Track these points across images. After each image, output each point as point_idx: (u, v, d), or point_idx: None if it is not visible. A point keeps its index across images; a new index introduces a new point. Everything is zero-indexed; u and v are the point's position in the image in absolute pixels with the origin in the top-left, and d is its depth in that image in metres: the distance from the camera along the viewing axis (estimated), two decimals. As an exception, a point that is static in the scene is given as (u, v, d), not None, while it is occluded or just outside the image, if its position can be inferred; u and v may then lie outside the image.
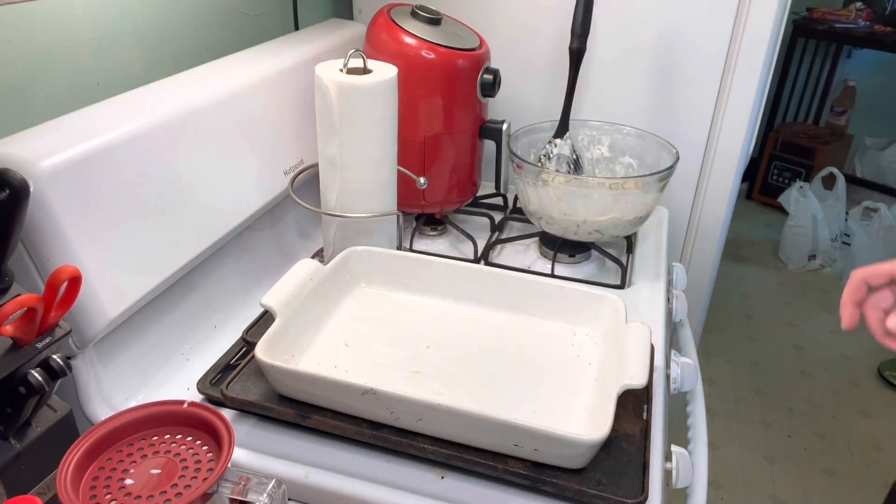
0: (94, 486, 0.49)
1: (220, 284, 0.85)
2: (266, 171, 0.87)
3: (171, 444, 0.52)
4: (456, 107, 0.96)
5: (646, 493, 0.58)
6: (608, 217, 0.90)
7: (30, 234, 0.59)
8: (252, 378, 0.68)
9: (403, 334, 0.77)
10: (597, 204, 0.89)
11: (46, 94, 0.73)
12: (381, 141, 0.84)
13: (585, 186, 0.90)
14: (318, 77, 0.80)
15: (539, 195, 0.92)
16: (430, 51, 0.92)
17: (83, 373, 0.66)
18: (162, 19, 0.87)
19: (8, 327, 0.49)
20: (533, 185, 0.92)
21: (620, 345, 0.68)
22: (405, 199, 0.96)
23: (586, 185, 0.90)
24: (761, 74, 1.06)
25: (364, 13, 1.21)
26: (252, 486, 0.50)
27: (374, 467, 0.63)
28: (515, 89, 1.17)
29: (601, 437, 0.56)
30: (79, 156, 0.61)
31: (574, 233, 0.93)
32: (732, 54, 1.06)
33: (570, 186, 0.89)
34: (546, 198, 0.91)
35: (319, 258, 0.94)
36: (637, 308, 0.88)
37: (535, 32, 1.14)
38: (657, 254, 1.02)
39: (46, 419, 0.56)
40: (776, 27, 1.03)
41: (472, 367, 0.72)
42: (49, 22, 0.71)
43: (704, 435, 0.79)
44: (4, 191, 0.47)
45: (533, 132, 1.05)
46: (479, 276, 0.81)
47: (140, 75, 0.85)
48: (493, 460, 0.60)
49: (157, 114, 0.71)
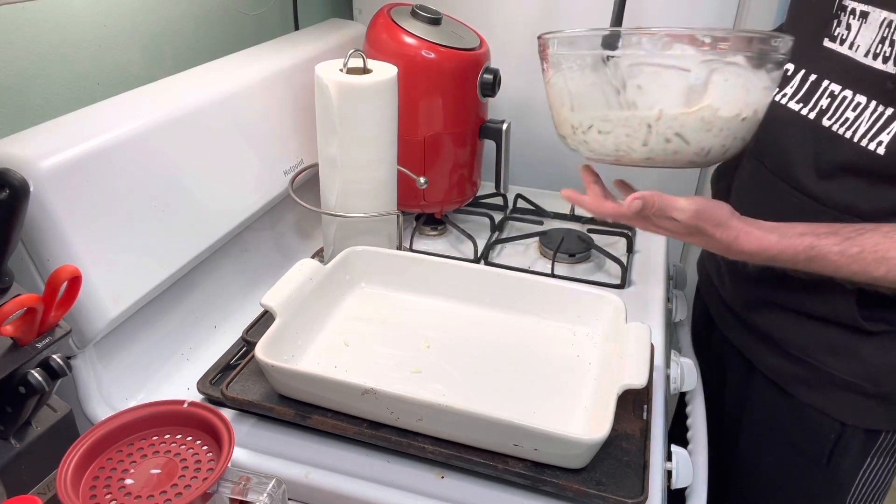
0: (94, 486, 0.49)
1: (220, 284, 0.85)
2: (266, 171, 0.87)
3: (171, 444, 0.52)
4: (456, 107, 0.96)
5: (646, 493, 0.58)
6: (697, 108, 0.59)
7: (30, 234, 0.59)
8: (252, 378, 0.68)
9: (403, 334, 0.77)
10: (680, 81, 0.58)
11: (46, 94, 0.73)
12: (381, 141, 0.84)
13: (665, 46, 0.57)
14: (318, 77, 0.80)
15: (582, 86, 0.63)
16: (430, 51, 0.92)
17: (83, 373, 0.66)
18: (162, 19, 0.87)
19: (8, 327, 0.49)
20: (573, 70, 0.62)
21: (620, 345, 0.68)
22: (405, 198, 0.96)
23: (667, 45, 0.57)
24: (761, 74, 1.06)
25: (364, 13, 1.21)
26: (252, 486, 0.50)
27: (374, 467, 0.63)
28: (515, 89, 1.17)
29: (601, 437, 0.56)
30: (79, 156, 0.61)
31: (643, 142, 0.60)
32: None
33: (640, 49, 0.58)
34: (596, 88, 0.61)
35: (319, 258, 0.94)
36: (637, 308, 0.88)
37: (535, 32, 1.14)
38: (657, 254, 1.02)
39: (46, 419, 0.56)
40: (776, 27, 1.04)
41: (472, 367, 0.72)
42: (49, 22, 0.71)
43: (704, 435, 0.79)
44: (4, 191, 0.47)
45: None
46: (479, 276, 0.81)
47: (140, 75, 0.85)
48: (493, 460, 0.60)
49: (157, 114, 0.71)
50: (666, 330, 0.86)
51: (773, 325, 0.76)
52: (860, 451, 0.73)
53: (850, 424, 0.71)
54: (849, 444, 0.72)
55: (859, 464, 0.73)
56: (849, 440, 0.72)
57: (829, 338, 0.70)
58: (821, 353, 0.71)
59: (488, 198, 1.14)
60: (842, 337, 0.69)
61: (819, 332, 0.71)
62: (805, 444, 0.76)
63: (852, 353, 0.69)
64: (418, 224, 1.06)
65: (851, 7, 0.65)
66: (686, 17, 1.05)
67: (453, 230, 1.06)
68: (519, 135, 1.19)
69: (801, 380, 0.74)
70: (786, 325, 0.74)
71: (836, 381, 0.71)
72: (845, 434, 0.72)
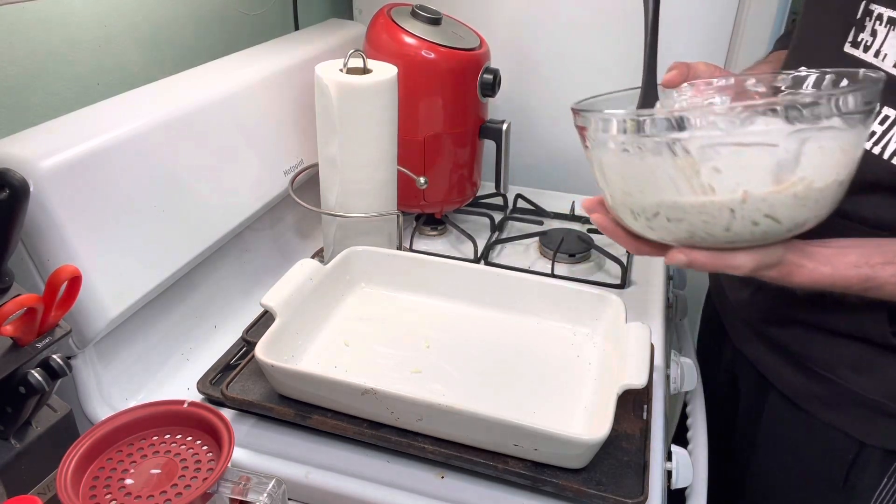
0: (94, 486, 0.49)
1: (220, 284, 0.85)
2: (266, 171, 0.87)
3: (171, 444, 0.52)
4: (456, 107, 0.96)
5: (646, 494, 0.58)
6: (789, 183, 0.49)
7: (30, 234, 0.59)
8: (252, 378, 0.68)
9: (403, 334, 0.77)
10: (767, 159, 0.48)
11: (46, 94, 0.73)
12: (380, 141, 0.84)
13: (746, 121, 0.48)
14: (318, 77, 0.80)
15: (639, 170, 0.52)
16: (430, 51, 0.92)
17: (83, 373, 0.66)
18: (162, 19, 0.87)
19: (8, 327, 0.49)
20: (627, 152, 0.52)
21: (620, 345, 0.68)
22: (405, 198, 0.96)
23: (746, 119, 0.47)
24: (761, 74, 1.06)
25: (364, 13, 1.21)
26: (252, 486, 0.50)
27: (374, 467, 0.63)
28: (515, 89, 1.17)
29: (601, 437, 0.56)
30: (79, 156, 0.61)
31: (725, 227, 0.51)
32: (732, 54, 1.06)
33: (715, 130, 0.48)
34: (658, 172, 0.50)
35: (319, 258, 0.94)
36: (637, 308, 0.88)
37: (535, 32, 1.14)
38: (657, 254, 1.02)
39: (46, 419, 0.56)
40: (776, 27, 1.03)
41: (472, 367, 0.72)
42: (49, 22, 0.71)
43: (704, 435, 0.79)
44: (4, 191, 0.47)
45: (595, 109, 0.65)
46: (479, 276, 0.81)
47: (140, 75, 0.85)
48: (493, 460, 0.60)
49: (157, 114, 0.71)
50: (666, 330, 0.86)
51: (794, 341, 0.72)
52: (878, 472, 0.70)
53: (868, 444, 0.69)
54: (866, 464, 0.70)
55: (875, 485, 0.70)
56: (866, 460, 0.69)
57: (854, 355, 0.67)
58: (844, 370, 0.68)
59: (488, 198, 1.14)
60: (868, 354, 0.66)
61: (844, 348, 0.68)
62: (821, 464, 0.73)
63: (878, 371, 0.66)
64: (418, 224, 1.06)
65: (878, 12, 0.59)
66: (685, 15, 1.05)
67: (453, 230, 1.06)
68: (519, 135, 1.19)
69: (819, 397, 0.71)
70: (808, 341, 0.71)
71: (857, 400, 0.68)
72: (863, 454, 0.69)
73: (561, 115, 1.18)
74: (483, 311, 0.80)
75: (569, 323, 0.78)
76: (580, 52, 1.13)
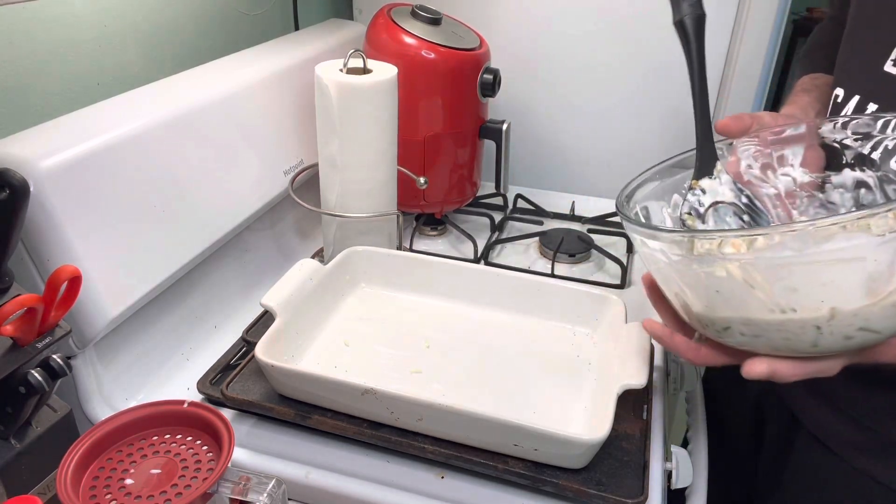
0: (94, 486, 0.49)
1: (220, 284, 0.85)
2: (266, 171, 0.87)
3: (171, 444, 0.52)
4: (456, 107, 0.96)
5: (646, 493, 0.58)
6: (886, 294, 0.43)
7: (30, 234, 0.59)
8: (252, 378, 0.68)
9: (403, 334, 0.77)
10: (855, 274, 0.43)
11: (46, 94, 0.73)
12: (381, 141, 0.84)
13: (821, 240, 0.42)
14: (318, 77, 0.80)
15: (702, 285, 0.47)
16: (430, 51, 0.92)
17: (83, 373, 0.66)
18: (162, 19, 0.87)
19: (8, 327, 0.49)
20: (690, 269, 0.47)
21: (620, 345, 0.68)
22: (405, 199, 0.96)
23: (822, 238, 0.42)
24: (761, 74, 1.06)
25: (364, 13, 1.21)
26: (252, 486, 0.50)
27: (374, 467, 0.63)
28: (515, 89, 1.17)
29: (601, 437, 0.56)
30: (79, 156, 0.61)
31: (812, 343, 0.46)
32: (732, 54, 1.06)
33: (784, 251, 0.42)
34: (725, 288, 0.46)
35: (319, 258, 0.94)
36: (637, 308, 0.88)
37: (535, 32, 1.14)
38: (657, 254, 1.02)
39: (46, 419, 0.56)
40: (776, 27, 1.03)
41: (471, 367, 0.72)
42: (49, 22, 0.71)
43: (704, 435, 0.78)
44: (4, 191, 0.47)
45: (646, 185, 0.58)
46: (479, 276, 0.81)
47: (140, 75, 0.85)
48: (493, 460, 0.60)
49: (157, 114, 0.71)
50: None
51: (833, 387, 0.65)
52: None
53: None
54: None
55: None
56: None
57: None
58: (886, 418, 0.65)
59: (488, 198, 1.14)
60: None
61: (887, 396, 0.64)
62: None
63: None
64: (418, 224, 1.06)
65: None
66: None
67: (453, 230, 1.06)
68: (519, 135, 1.19)
69: (854, 443, 0.67)
70: (848, 387, 0.65)
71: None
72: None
73: (561, 115, 1.18)
74: (483, 311, 0.80)
75: (569, 323, 0.78)
76: (580, 52, 1.13)
